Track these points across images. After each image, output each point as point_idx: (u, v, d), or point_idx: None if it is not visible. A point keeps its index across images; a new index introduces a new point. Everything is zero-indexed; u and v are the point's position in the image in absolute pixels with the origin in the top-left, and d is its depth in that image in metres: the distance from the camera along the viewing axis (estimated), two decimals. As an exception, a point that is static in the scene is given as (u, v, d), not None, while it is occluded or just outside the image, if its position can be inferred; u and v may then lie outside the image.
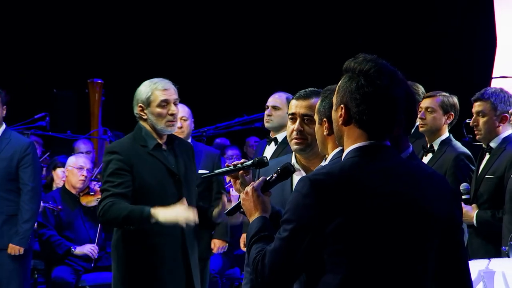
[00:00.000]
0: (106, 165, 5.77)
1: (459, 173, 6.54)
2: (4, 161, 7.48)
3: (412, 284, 3.31)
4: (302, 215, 3.24)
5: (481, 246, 6.32)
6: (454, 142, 6.77)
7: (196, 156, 7.84)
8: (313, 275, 3.30)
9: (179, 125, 7.92)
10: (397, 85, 3.37)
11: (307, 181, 3.24)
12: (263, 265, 3.30)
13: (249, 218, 3.69)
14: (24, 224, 7.42)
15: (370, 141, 3.32)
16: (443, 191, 3.43)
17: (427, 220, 3.32)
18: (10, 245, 7.41)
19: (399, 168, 3.34)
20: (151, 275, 5.74)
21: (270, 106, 7.82)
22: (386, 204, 3.24)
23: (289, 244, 3.26)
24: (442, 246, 3.40)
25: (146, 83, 5.97)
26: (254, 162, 4.48)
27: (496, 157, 6.36)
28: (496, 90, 6.54)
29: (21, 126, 11.04)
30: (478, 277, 4.95)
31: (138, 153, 5.80)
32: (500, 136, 6.42)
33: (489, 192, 6.35)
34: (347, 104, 3.33)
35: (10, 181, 7.48)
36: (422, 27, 13.64)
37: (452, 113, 6.74)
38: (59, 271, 8.94)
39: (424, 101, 6.77)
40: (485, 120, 6.41)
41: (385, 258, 3.25)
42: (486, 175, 6.36)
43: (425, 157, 6.77)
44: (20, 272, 7.55)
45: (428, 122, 6.71)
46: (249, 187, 3.75)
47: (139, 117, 5.92)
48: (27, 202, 7.43)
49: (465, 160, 6.62)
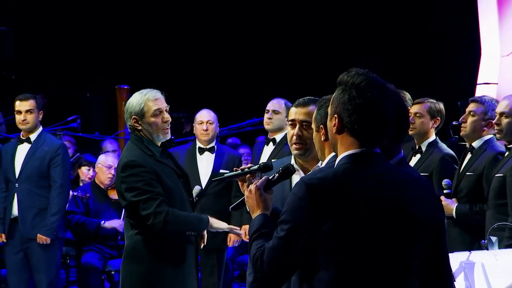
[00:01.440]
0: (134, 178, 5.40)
1: (444, 172, 6.54)
2: (37, 160, 7.49)
3: (398, 280, 3.25)
4: (297, 217, 3.19)
5: (458, 236, 6.32)
6: (440, 144, 6.77)
7: (219, 157, 7.88)
8: (307, 271, 3.25)
9: (205, 128, 7.86)
10: (386, 97, 3.32)
11: (303, 185, 3.19)
12: (262, 261, 3.26)
13: (251, 214, 3.65)
14: (51, 217, 7.42)
15: (361, 149, 3.27)
16: (429, 195, 3.38)
17: (414, 223, 3.26)
18: (38, 235, 7.41)
19: (389, 174, 3.29)
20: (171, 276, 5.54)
21: (270, 110, 7.84)
22: (376, 208, 3.19)
23: (286, 243, 3.21)
24: (427, 246, 3.33)
25: (137, 95, 5.61)
26: (260, 166, 4.36)
27: (477, 157, 6.36)
28: (492, 99, 6.55)
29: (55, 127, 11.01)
30: (460, 267, 4.90)
31: (152, 162, 5.50)
32: (483, 138, 6.42)
33: (468, 188, 6.34)
34: (340, 114, 3.29)
35: (42, 178, 7.49)
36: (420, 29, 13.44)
37: (438, 118, 6.74)
38: (88, 257, 8.95)
39: (413, 107, 6.75)
40: (474, 119, 6.40)
41: (373, 258, 3.19)
42: (467, 173, 6.37)
43: (414, 157, 6.77)
44: (50, 260, 7.51)
45: (417, 126, 6.70)
46: (252, 186, 3.71)
47: (134, 128, 5.57)
48: (55, 197, 7.43)
49: (449, 160, 6.63)
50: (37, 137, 7.57)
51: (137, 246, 5.50)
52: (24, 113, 7.53)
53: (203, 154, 7.95)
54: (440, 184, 6.41)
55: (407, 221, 3.24)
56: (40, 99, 7.74)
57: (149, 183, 5.38)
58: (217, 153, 7.98)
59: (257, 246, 3.35)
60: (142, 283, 5.46)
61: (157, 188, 5.40)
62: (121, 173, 5.45)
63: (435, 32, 13.33)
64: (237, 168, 4.28)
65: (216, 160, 7.93)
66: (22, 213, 7.47)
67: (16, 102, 7.57)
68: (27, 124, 7.54)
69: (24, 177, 7.49)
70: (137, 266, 5.49)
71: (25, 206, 7.48)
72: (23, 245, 7.51)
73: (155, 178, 5.42)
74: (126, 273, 5.54)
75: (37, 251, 7.47)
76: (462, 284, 4.87)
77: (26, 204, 7.48)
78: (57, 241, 7.50)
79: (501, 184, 5.94)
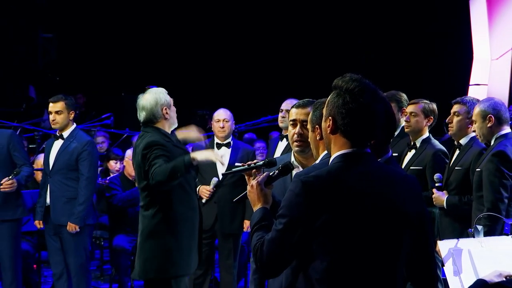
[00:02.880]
0: (152, 152, 5.57)
1: (437, 166, 6.44)
2: (67, 155, 7.41)
3: (387, 269, 3.20)
4: (294, 212, 3.13)
5: (449, 224, 6.23)
6: (433, 140, 6.67)
7: (235, 151, 7.86)
8: (303, 261, 3.19)
9: (222, 126, 7.82)
10: (377, 102, 3.26)
11: (299, 183, 3.14)
12: (261, 252, 3.21)
13: (253, 207, 3.54)
14: (78, 206, 7.32)
15: (353, 149, 3.22)
16: (415, 191, 3.33)
17: (401, 216, 3.21)
18: (68, 223, 7.34)
19: (378, 172, 3.23)
20: (188, 245, 5.65)
21: (284, 110, 7.68)
22: (367, 203, 3.14)
23: (283, 235, 3.15)
24: (413, 237, 3.29)
25: (160, 90, 5.82)
26: (265, 162, 4.24)
27: (464, 153, 6.27)
28: (473, 99, 6.43)
29: (91, 124, 10.98)
30: (449, 254, 4.80)
31: (171, 146, 5.67)
32: (469, 135, 6.33)
33: (457, 181, 6.24)
34: (334, 116, 3.23)
35: (71, 171, 7.40)
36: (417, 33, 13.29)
37: (431, 117, 6.66)
38: (118, 239, 8.91)
39: (409, 107, 6.69)
40: (459, 119, 6.30)
41: (364, 248, 3.13)
42: (456, 167, 6.28)
43: (409, 153, 6.68)
44: (79, 245, 7.42)
45: (412, 124, 6.62)
46: (254, 181, 3.61)
47: (149, 121, 5.74)
48: (82, 188, 7.35)
49: (441, 155, 6.53)
50: (69, 134, 7.47)
51: (154, 224, 5.61)
52: (54, 114, 7.43)
53: (221, 148, 7.88)
54: (433, 178, 6.34)
55: (395, 215, 3.18)
56: (71, 100, 7.59)
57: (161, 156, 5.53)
58: (233, 148, 7.90)
59: (258, 237, 3.29)
60: (162, 254, 5.56)
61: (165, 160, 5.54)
62: (143, 151, 5.60)
63: (431, 36, 13.18)
64: (245, 164, 4.17)
65: (232, 154, 7.86)
66: (53, 202, 7.41)
67: (49, 104, 7.49)
68: (56, 124, 7.46)
69: (56, 169, 7.42)
70: (156, 241, 5.58)
71: (56, 195, 7.40)
72: (56, 230, 7.46)
73: (168, 156, 5.57)
74: (145, 249, 5.63)
75: (67, 237, 7.39)
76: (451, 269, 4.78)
77: (57, 194, 7.40)
78: (86, 228, 7.41)
79: (479, 178, 5.89)
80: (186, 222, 5.63)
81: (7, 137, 7.52)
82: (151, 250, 5.58)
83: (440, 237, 6.13)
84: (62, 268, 7.50)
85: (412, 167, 6.50)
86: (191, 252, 5.64)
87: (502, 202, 5.70)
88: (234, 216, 7.70)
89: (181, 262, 5.56)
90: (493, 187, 5.72)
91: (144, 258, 5.59)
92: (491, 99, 6.05)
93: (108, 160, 9.84)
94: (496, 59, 12.36)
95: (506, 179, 5.72)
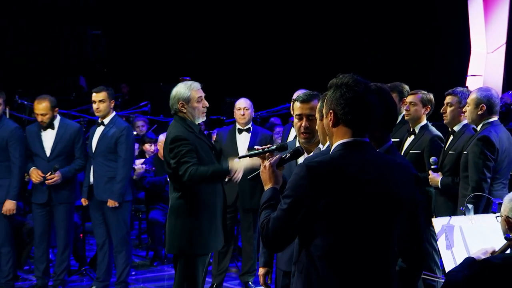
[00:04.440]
0: (179, 147, 5.38)
1: (433, 150, 6.36)
2: (107, 139, 7.33)
3: (381, 246, 3.13)
4: (298, 193, 3.05)
5: (443, 202, 6.14)
6: (430, 127, 6.58)
7: (254, 136, 7.77)
8: (306, 239, 3.12)
9: (242, 113, 7.73)
10: (371, 92, 3.19)
11: (304, 167, 3.07)
12: (267, 229, 3.14)
13: (264, 186, 3.47)
14: (116, 184, 7.26)
15: (353, 138, 3.14)
16: (408, 177, 3.24)
17: (395, 200, 3.14)
18: (109, 200, 7.29)
19: (375, 160, 3.16)
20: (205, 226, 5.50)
21: None
22: (364, 187, 3.06)
23: (287, 214, 3.08)
24: (404, 219, 3.21)
25: (183, 85, 5.56)
26: (278, 147, 4.18)
27: (457, 138, 6.17)
28: (463, 89, 6.31)
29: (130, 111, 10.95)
30: (442, 229, 4.80)
31: (193, 137, 5.46)
32: (462, 123, 6.22)
33: (450, 164, 6.14)
34: (334, 109, 3.17)
35: (111, 154, 7.32)
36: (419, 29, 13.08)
37: (429, 106, 6.57)
38: (153, 213, 8.91)
39: (409, 97, 6.63)
40: (452, 109, 6.20)
41: (361, 229, 3.07)
42: (450, 151, 6.18)
43: (409, 138, 6.61)
44: (119, 219, 7.36)
45: (411, 112, 6.54)
46: (267, 162, 3.54)
47: (179, 111, 5.53)
48: (120, 168, 7.27)
49: (437, 141, 6.44)
50: (109, 121, 7.38)
51: (179, 205, 5.46)
52: (98, 103, 7.34)
53: (242, 133, 7.82)
54: (429, 160, 6.27)
55: (389, 199, 3.11)
56: (111, 91, 7.50)
57: (189, 152, 5.35)
58: (253, 133, 7.82)
59: (265, 215, 3.21)
60: (184, 233, 5.42)
61: (193, 158, 5.36)
62: (170, 145, 5.44)
63: (432, 34, 12.99)
64: (259, 148, 4.11)
65: (252, 138, 7.77)
66: (96, 181, 7.36)
67: (93, 94, 7.40)
68: (99, 112, 7.37)
69: (98, 152, 7.35)
70: (180, 220, 5.44)
71: (98, 175, 7.35)
72: (99, 206, 7.41)
73: (194, 149, 5.40)
74: (171, 226, 5.51)
75: (109, 212, 7.34)
76: (443, 243, 4.79)
77: (99, 174, 7.34)
78: (124, 204, 7.33)
79: (465, 159, 5.82)
80: (209, 206, 5.49)
81: (74, 131, 7.49)
82: (175, 228, 5.46)
83: (435, 214, 6.10)
84: (105, 239, 7.47)
85: (411, 151, 6.44)
86: (210, 233, 5.47)
87: (485, 182, 5.65)
88: (253, 193, 7.60)
89: (201, 242, 5.42)
90: (477, 168, 5.65)
91: (170, 234, 5.49)
92: (489, 90, 5.91)
93: (143, 143, 9.80)
94: (491, 52, 12.35)
95: (489, 161, 5.65)
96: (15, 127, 7.46)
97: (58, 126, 7.45)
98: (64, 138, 7.44)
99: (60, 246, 7.57)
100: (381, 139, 3.52)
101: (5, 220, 7.40)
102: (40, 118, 7.40)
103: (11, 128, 7.40)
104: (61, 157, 7.44)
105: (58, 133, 7.43)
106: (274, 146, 4.17)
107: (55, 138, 7.43)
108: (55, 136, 7.43)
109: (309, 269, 3.08)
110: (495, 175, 5.67)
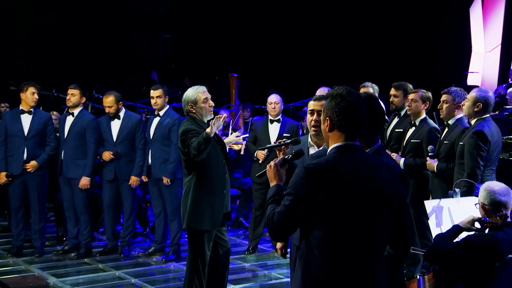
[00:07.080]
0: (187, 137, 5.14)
1: (431, 140, 6.14)
2: (162, 128, 7.22)
3: (371, 237, 2.96)
4: (298, 191, 2.92)
5: (438, 184, 5.92)
6: (429, 120, 6.37)
7: (283, 126, 7.59)
8: (306, 230, 2.99)
9: (273, 107, 7.51)
10: (361, 101, 3.02)
11: (303, 168, 2.92)
12: (272, 221, 3.02)
13: (270, 183, 3.29)
14: (169, 165, 7.16)
15: (346, 142, 2.98)
16: (395, 176, 3.06)
17: (383, 197, 2.97)
18: (163, 178, 7.19)
19: (365, 161, 2.99)
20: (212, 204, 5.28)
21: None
22: (355, 186, 2.91)
23: (289, 209, 2.94)
24: (391, 212, 3.01)
25: (190, 89, 5.31)
26: (292, 141, 4.09)
27: (451, 130, 5.92)
28: (457, 89, 6.02)
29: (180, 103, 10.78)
30: (432, 210, 4.72)
31: (201, 132, 5.14)
32: (455, 117, 5.95)
33: (445, 152, 5.90)
34: (330, 116, 3.00)
35: (165, 139, 7.20)
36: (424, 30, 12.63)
37: (427, 102, 6.36)
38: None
39: (410, 95, 6.41)
40: (447, 106, 5.94)
41: (353, 222, 2.92)
42: (445, 141, 5.94)
43: (411, 129, 6.40)
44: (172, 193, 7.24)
45: (413, 108, 6.34)
46: (272, 162, 3.33)
47: (189, 111, 5.29)
48: (172, 152, 7.15)
49: (434, 132, 6.21)
50: (164, 113, 7.28)
51: (190, 187, 5.24)
52: (155, 98, 7.24)
53: (273, 124, 7.61)
54: (427, 149, 6.06)
55: (378, 195, 2.95)
56: (166, 88, 7.41)
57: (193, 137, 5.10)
58: (282, 123, 7.60)
59: (271, 209, 3.06)
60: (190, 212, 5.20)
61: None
62: (181, 137, 5.22)
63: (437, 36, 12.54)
64: (276, 141, 3.88)
65: (281, 128, 7.55)
66: (153, 162, 7.27)
67: (151, 91, 7.30)
68: (156, 105, 7.27)
69: (155, 138, 7.25)
70: (189, 199, 5.22)
71: (155, 157, 7.26)
72: (156, 182, 7.32)
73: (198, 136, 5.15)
74: (184, 205, 5.29)
75: (163, 188, 7.25)
76: (434, 222, 4.69)
77: (156, 156, 7.25)
78: (176, 181, 7.22)
79: (461, 149, 5.58)
80: (216, 187, 5.26)
81: (136, 121, 7.38)
82: (185, 205, 5.25)
83: (432, 195, 5.92)
84: (161, 209, 7.39)
85: (412, 140, 6.27)
86: (214, 210, 5.24)
87: (478, 169, 5.43)
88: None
89: (205, 219, 5.21)
90: (472, 157, 5.44)
91: (183, 210, 5.30)
92: (487, 92, 5.65)
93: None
94: (489, 52, 12.02)
95: (482, 151, 5.43)
96: (91, 118, 7.50)
97: (123, 117, 7.42)
98: (127, 127, 7.39)
99: (126, 214, 7.53)
100: (371, 140, 3.32)
101: (82, 193, 7.38)
102: (107, 110, 7.40)
103: (88, 119, 7.43)
104: (125, 142, 7.39)
105: (122, 122, 7.39)
106: (289, 140, 4.05)
107: (120, 127, 7.39)
108: (120, 125, 7.39)
109: (308, 255, 2.96)
110: (486, 163, 5.48)
